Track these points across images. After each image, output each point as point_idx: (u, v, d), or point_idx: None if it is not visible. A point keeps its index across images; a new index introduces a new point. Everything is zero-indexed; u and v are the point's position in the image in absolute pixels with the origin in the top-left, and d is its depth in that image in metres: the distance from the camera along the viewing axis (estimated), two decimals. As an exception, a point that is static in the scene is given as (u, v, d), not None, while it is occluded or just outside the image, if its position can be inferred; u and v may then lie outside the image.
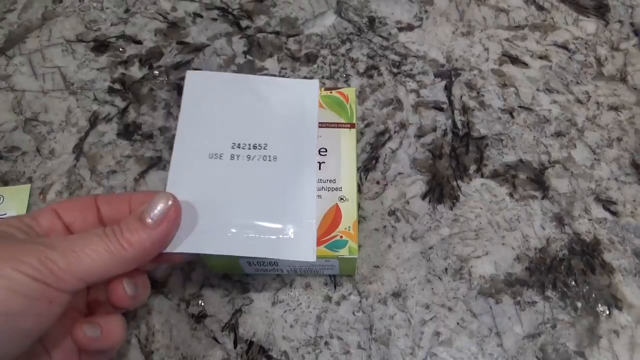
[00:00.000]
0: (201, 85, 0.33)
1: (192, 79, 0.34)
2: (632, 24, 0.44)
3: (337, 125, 0.35)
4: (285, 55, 0.45)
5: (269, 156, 0.31)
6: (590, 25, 0.44)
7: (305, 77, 0.43)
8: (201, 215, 0.29)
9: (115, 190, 0.39)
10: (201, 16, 0.48)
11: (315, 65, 0.44)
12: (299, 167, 0.31)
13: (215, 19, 0.47)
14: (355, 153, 0.34)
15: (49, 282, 0.23)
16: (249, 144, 0.31)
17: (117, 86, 0.44)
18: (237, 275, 0.35)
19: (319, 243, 0.30)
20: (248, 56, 0.45)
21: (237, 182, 0.30)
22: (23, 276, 0.22)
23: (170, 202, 0.27)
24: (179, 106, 0.42)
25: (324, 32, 0.46)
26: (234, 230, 0.29)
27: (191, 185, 0.30)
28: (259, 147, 0.31)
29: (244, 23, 0.47)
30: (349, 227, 0.32)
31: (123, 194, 0.35)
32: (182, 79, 0.44)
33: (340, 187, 0.33)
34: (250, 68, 0.44)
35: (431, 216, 0.36)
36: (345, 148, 0.34)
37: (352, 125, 0.35)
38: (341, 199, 0.32)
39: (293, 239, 0.29)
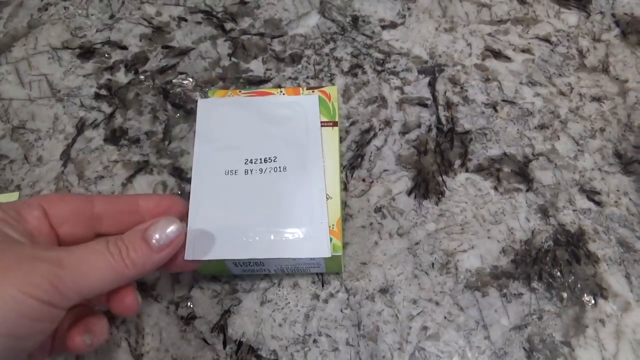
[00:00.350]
0: (212, 111, 0.37)
1: (203, 107, 0.38)
2: (613, 15, 0.45)
3: (321, 124, 0.36)
4: (270, 57, 0.46)
5: (279, 167, 0.35)
6: (571, 17, 0.45)
7: (289, 78, 0.44)
8: (222, 225, 0.33)
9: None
10: (186, 20, 0.49)
11: (299, 66, 0.45)
12: (307, 174, 0.34)
13: (199, 22, 0.49)
14: (338, 151, 0.35)
15: (55, 303, 0.23)
16: (260, 159, 0.35)
17: (103, 92, 0.45)
18: (226, 277, 0.36)
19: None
20: (233, 58, 0.46)
21: (252, 193, 0.34)
22: (34, 301, 0.22)
23: (177, 228, 0.28)
24: (165, 110, 0.43)
25: (308, 32, 0.47)
26: (253, 236, 0.32)
27: (211, 200, 0.34)
28: (270, 160, 0.35)
29: (229, 25, 0.48)
30: (333, 225, 0.33)
31: (128, 196, 0.35)
32: (168, 82, 0.45)
33: (326, 186, 0.34)
34: (235, 70, 0.45)
35: (417, 212, 0.37)
36: (329, 146, 0.35)
37: (335, 124, 0.36)
38: (327, 197, 0.34)
39: (308, 239, 0.32)
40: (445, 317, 0.33)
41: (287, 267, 0.34)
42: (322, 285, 0.35)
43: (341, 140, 0.41)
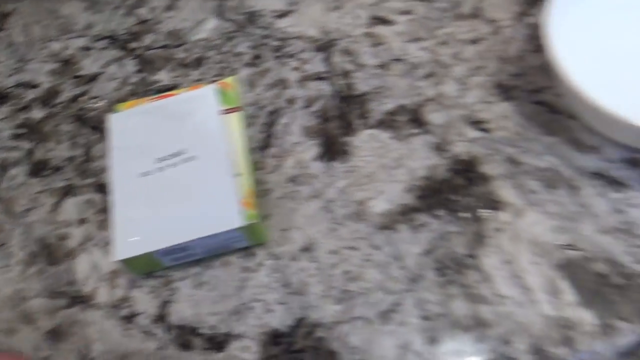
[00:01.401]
0: (122, 123, 0.43)
1: (114, 121, 0.43)
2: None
3: (225, 111, 0.42)
4: (176, 65, 0.52)
5: (190, 157, 0.40)
6: (445, -26, 0.53)
7: (197, 80, 0.50)
8: (144, 222, 0.38)
9: (34, 225, 0.44)
10: (91, 49, 0.54)
11: (204, 67, 0.51)
12: (214, 158, 0.40)
13: (105, 48, 0.54)
14: (243, 131, 0.41)
15: None
16: (170, 154, 0.40)
17: (21, 130, 0.50)
18: (160, 272, 0.41)
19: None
20: (141, 73, 0.52)
21: (168, 187, 0.39)
22: None
23: None
24: (83, 134, 0.49)
25: (209, 35, 0.53)
26: (174, 225, 0.38)
27: (131, 202, 0.39)
28: (180, 154, 0.40)
29: (133, 45, 0.54)
30: (246, 197, 0.38)
31: None
32: (82, 109, 0.50)
33: (234, 165, 0.39)
34: (144, 84, 0.51)
35: (327, 173, 0.43)
36: (235, 129, 0.41)
37: (238, 109, 0.42)
38: (237, 174, 0.39)
39: (222, 214, 0.38)
40: (363, 259, 0.39)
41: (214, 248, 0.39)
42: (250, 258, 0.40)
43: (251, 125, 0.46)
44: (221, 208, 0.38)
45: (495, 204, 0.39)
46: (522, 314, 0.35)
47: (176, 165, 0.40)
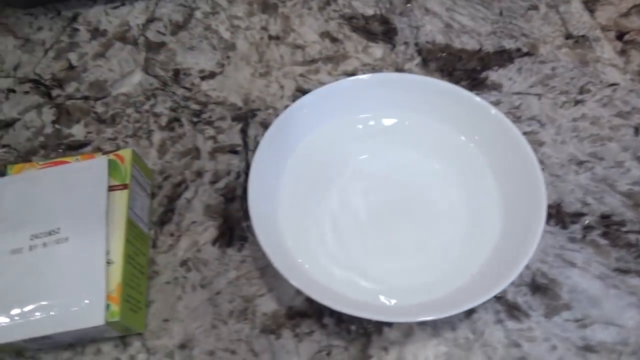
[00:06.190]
0: (4, 190, 0.37)
1: None
2: (416, 44, 0.48)
3: (111, 188, 0.37)
4: (92, 119, 0.46)
5: (62, 238, 0.35)
6: (378, 50, 0.48)
7: (109, 139, 0.45)
8: (6, 308, 0.32)
9: None
10: (14, 91, 0.49)
11: (119, 125, 0.45)
12: (88, 242, 0.35)
13: (27, 92, 0.49)
14: (126, 214, 0.36)
15: None
16: (44, 232, 0.35)
17: None
18: (30, 352, 0.35)
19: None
20: (56, 125, 0.46)
21: (36, 269, 0.34)
22: None
23: None
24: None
25: (131, 90, 0.48)
26: (36, 314, 0.32)
27: None
28: (53, 233, 0.35)
29: (55, 92, 0.49)
30: (113, 290, 0.33)
31: None
32: (-12, 157, 0.45)
33: (108, 251, 0.34)
34: (57, 137, 0.45)
35: (220, 261, 0.38)
36: (117, 210, 0.36)
37: (125, 186, 0.37)
38: (107, 262, 0.34)
39: (85, 308, 0.32)
40: (239, 366, 0.34)
41: (82, 337, 0.34)
42: (124, 347, 0.35)
43: (153, 196, 0.41)
44: (85, 301, 0.32)
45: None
46: None
47: (46, 245, 0.34)
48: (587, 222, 0.37)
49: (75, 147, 0.45)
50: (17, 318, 0.32)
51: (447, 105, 0.39)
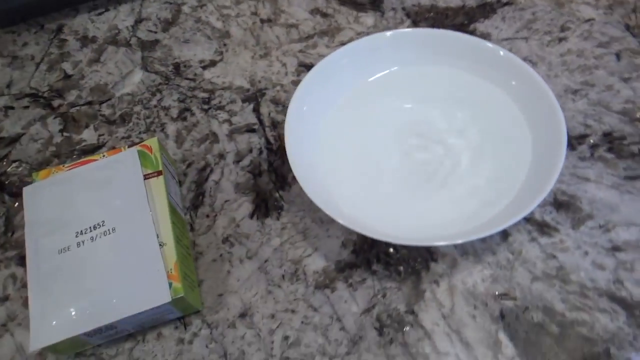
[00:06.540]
0: (37, 195, 0.37)
1: (29, 193, 0.38)
2: (403, 9, 0.50)
3: (146, 176, 0.37)
4: (101, 122, 0.46)
5: (109, 230, 0.35)
6: (368, 19, 0.50)
7: (122, 138, 0.45)
8: (65, 304, 0.33)
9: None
10: (13, 108, 0.48)
11: (131, 124, 0.46)
12: (136, 229, 0.35)
13: (27, 107, 0.48)
14: (166, 197, 0.36)
15: None
16: (89, 227, 0.35)
17: None
18: (90, 349, 0.35)
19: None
20: (65, 133, 0.46)
21: (88, 263, 0.34)
22: None
23: None
24: (2, 202, 0.43)
25: (134, 89, 0.48)
26: (96, 304, 0.33)
27: (49, 283, 0.34)
28: (99, 226, 0.35)
29: (56, 102, 0.48)
30: (171, 269, 0.33)
31: None
32: (2, 174, 0.44)
33: (157, 234, 0.35)
34: (68, 144, 0.45)
35: (261, 231, 0.39)
36: (157, 196, 0.36)
37: (160, 173, 0.37)
38: (160, 244, 0.34)
39: (147, 290, 0.33)
40: (302, 322, 0.35)
41: (144, 322, 0.34)
42: (185, 328, 0.36)
43: (180, 183, 0.42)
44: (146, 283, 0.33)
45: (430, 255, 0.36)
46: (463, 370, 0.32)
47: (94, 239, 0.34)
48: (592, 141, 0.40)
49: (90, 151, 0.45)
50: (80, 312, 0.32)
51: (464, 54, 0.41)
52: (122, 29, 0.53)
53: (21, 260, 0.39)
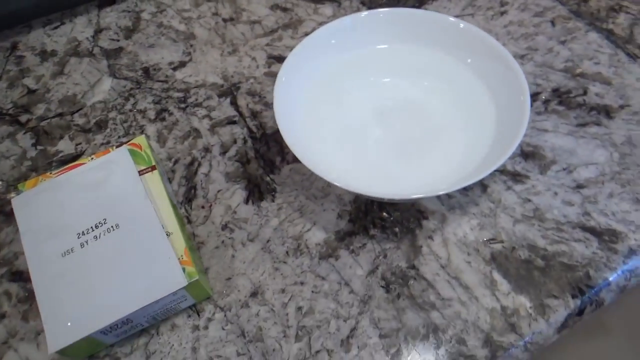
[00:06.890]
0: (28, 204, 0.37)
1: (19, 203, 0.37)
2: (358, -2, 0.53)
3: (140, 172, 0.38)
4: (76, 132, 0.46)
5: (111, 227, 0.35)
6: (327, 9, 0.52)
7: (102, 144, 0.45)
8: (76, 304, 0.33)
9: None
10: (-24, 128, 0.47)
11: (108, 130, 0.46)
12: (139, 222, 0.35)
13: (-8, 125, 0.47)
14: (164, 191, 0.37)
15: None
16: (91, 227, 0.35)
17: None
18: (103, 350, 0.35)
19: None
20: (38, 147, 0.45)
21: (94, 262, 0.34)
22: None
23: None
24: (-18, 222, 0.41)
25: (106, 97, 0.48)
26: (110, 300, 0.33)
27: (56, 286, 0.33)
28: (100, 225, 0.35)
29: (24, 118, 0.47)
30: (182, 255, 0.34)
31: None
32: (-24, 194, 0.43)
33: (162, 225, 0.35)
34: (44, 157, 0.44)
35: (259, 214, 0.40)
36: (154, 190, 0.37)
37: (153, 168, 0.38)
38: (167, 234, 0.35)
39: (161, 278, 0.33)
40: (312, 291, 0.36)
41: (157, 314, 0.35)
42: (198, 315, 0.36)
43: (170, 180, 0.42)
44: (159, 272, 0.33)
45: (421, 214, 0.39)
46: (468, 311, 0.35)
47: (98, 237, 0.34)
48: (544, 97, 0.44)
49: (69, 161, 0.44)
50: (95, 309, 0.32)
51: (426, 29, 0.44)
52: (82, 40, 0.52)
53: (13, 276, 0.38)
